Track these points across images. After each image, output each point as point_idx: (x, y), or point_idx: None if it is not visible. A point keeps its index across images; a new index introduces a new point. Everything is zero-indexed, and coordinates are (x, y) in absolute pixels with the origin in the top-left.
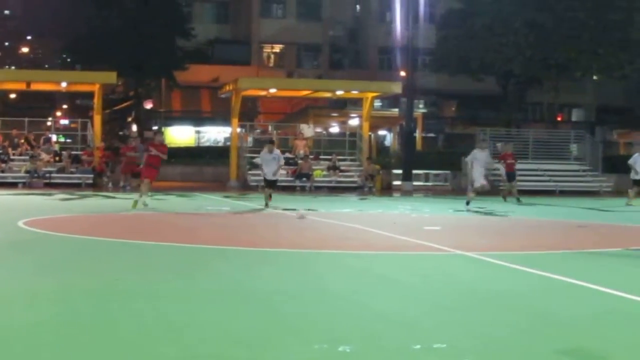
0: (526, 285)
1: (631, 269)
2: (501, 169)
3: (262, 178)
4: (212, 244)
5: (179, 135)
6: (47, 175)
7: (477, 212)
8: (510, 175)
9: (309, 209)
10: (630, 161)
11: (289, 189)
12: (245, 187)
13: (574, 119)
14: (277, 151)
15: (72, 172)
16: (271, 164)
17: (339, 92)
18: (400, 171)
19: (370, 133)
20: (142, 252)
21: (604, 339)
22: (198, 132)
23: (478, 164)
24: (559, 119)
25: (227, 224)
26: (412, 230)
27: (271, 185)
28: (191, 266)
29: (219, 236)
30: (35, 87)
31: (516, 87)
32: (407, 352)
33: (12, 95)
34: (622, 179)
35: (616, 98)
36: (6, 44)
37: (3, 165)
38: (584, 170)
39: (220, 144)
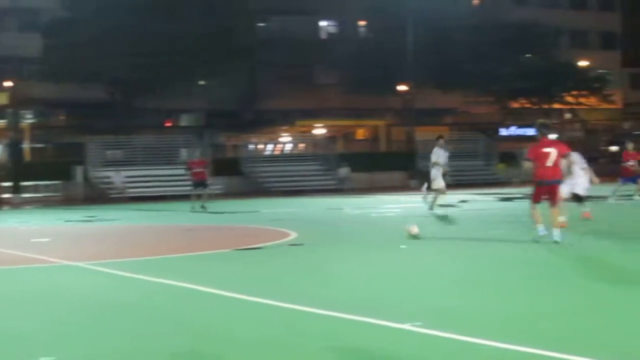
0: (138, 292)
1: (243, 268)
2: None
3: None
4: None
5: None
6: None
7: (86, 220)
8: (199, 183)
9: None
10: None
11: None
12: None
13: (183, 124)
14: None
15: None
16: None
17: None
18: (9, 184)
19: None
20: None
21: (222, 338)
22: None
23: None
24: (168, 124)
25: None
26: (20, 244)
27: None
28: None
29: None
30: None
31: (125, 94)
32: None
33: None
34: (233, 181)
35: (224, 102)
36: None
37: None
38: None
39: None
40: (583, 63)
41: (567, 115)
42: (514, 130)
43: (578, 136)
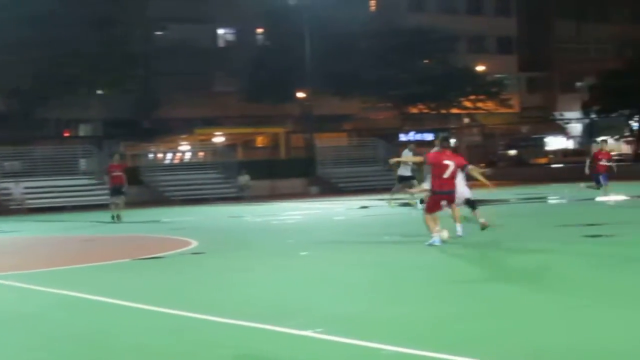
0: (37, 304)
1: (144, 278)
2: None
3: None
4: None
5: None
6: None
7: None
8: (117, 189)
9: None
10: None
11: None
12: None
13: (82, 133)
14: None
15: None
16: None
17: None
18: None
19: None
20: None
21: (124, 350)
22: None
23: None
24: (66, 134)
25: None
26: None
27: None
28: None
29: None
30: None
31: (23, 105)
32: None
33: None
34: (132, 190)
35: (123, 111)
36: None
37: None
38: (92, 185)
39: None
40: (480, 68)
41: (466, 120)
42: (412, 136)
43: (476, 141)
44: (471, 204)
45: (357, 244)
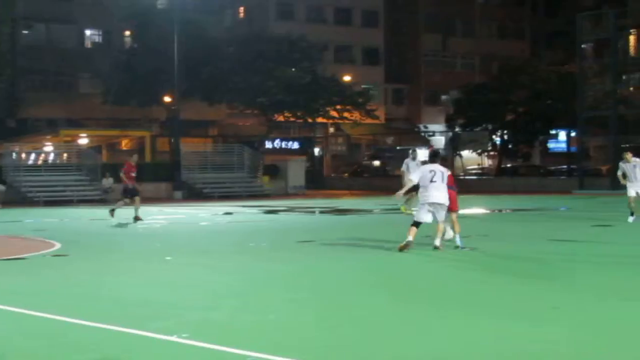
0: None
1: (5, 279)
2: None
3: None
4: None
5: None
6: None
7: None
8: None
9: None
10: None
11: None
12: None
13: None
14: None
15: None
16: None
17: None
18: None
19: None
20: None
21: None
22: None
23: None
24: None
25: None
26: None
27: None
28: None
29: None
30: None
31: None
32: None
33: None
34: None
35: None
36: None
37: None
38: None
39: None
40: (347, 78)
41: (331, 130)
42: (278, 143)
43: (342, 150)
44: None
45: (222, 250)
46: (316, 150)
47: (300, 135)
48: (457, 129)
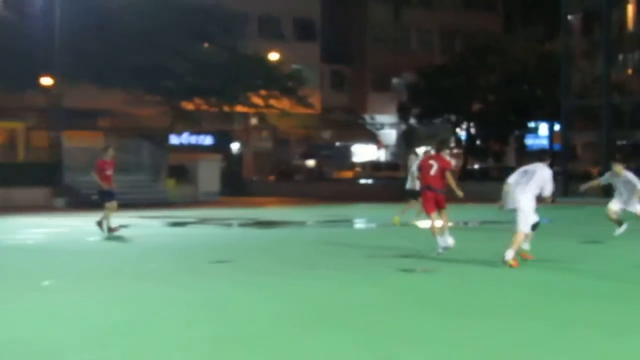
0: None
1: None
2: None
3: None
4: None
5: None
6: None
7: None
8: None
9: None
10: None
11: None
12: None
13: None
14: None
15: None
16: None
17: None
18: None
19: None
20: None
21: None
22: None
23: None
24: None
25: None
26: None
27: None
28: None
29: None
30: None
31: None
32: None
33: None
34: None
35: None
36: None
37: None
38: None
39: None
40: (274, 56)
41: (254, 121)
42: (187, 138)
43: (267, 147)
44: None
45: (115, 272)
46: (234, 147)
47: (215, 128)
48: (411, 121)
